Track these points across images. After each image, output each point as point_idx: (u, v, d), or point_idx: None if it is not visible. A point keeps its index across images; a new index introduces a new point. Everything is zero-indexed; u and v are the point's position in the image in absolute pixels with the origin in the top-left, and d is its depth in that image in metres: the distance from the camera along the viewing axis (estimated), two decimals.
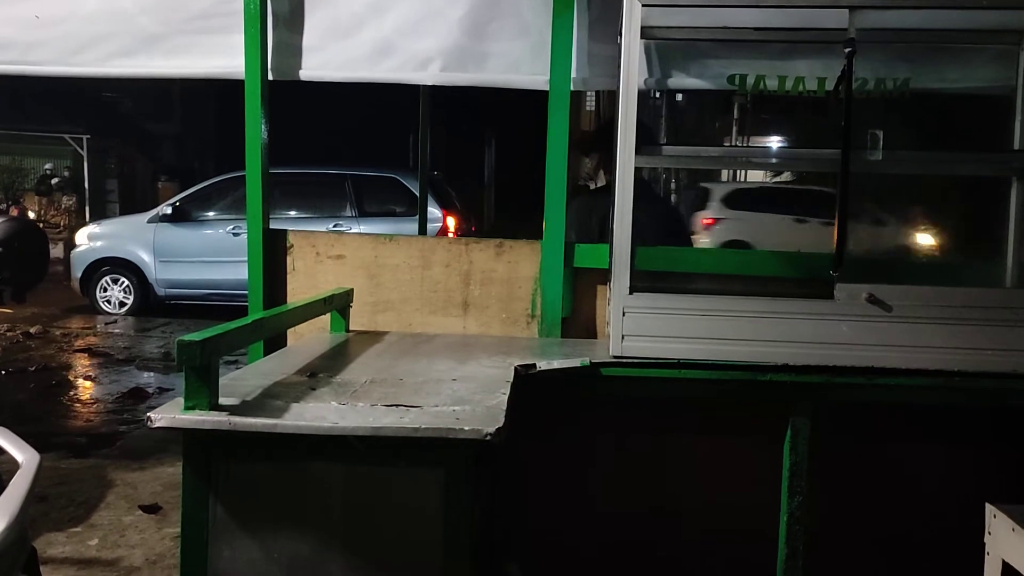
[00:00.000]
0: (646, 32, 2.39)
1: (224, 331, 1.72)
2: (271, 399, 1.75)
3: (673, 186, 12.90)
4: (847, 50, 2.26)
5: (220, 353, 1.67)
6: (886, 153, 2.44)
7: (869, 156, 2.36)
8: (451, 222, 9.64)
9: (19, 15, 2.98)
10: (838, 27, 2.37)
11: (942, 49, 2.88)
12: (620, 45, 2.43)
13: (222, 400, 1.66)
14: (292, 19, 2.95)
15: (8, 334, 8.62)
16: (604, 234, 3.09)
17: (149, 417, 1.57)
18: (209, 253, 10.09)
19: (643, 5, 2.27)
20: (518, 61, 2.90)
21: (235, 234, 9.98)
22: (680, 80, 3.05)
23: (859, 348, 2.25)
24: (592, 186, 3.60)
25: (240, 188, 10.05)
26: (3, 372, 6.79)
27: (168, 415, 1.58)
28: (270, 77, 2.93)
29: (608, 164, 3.41)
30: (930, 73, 2.93)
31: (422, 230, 4.84)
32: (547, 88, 2.80)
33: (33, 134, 21.72)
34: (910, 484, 2.40)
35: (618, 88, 2.62)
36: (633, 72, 2.31)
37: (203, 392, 1.60)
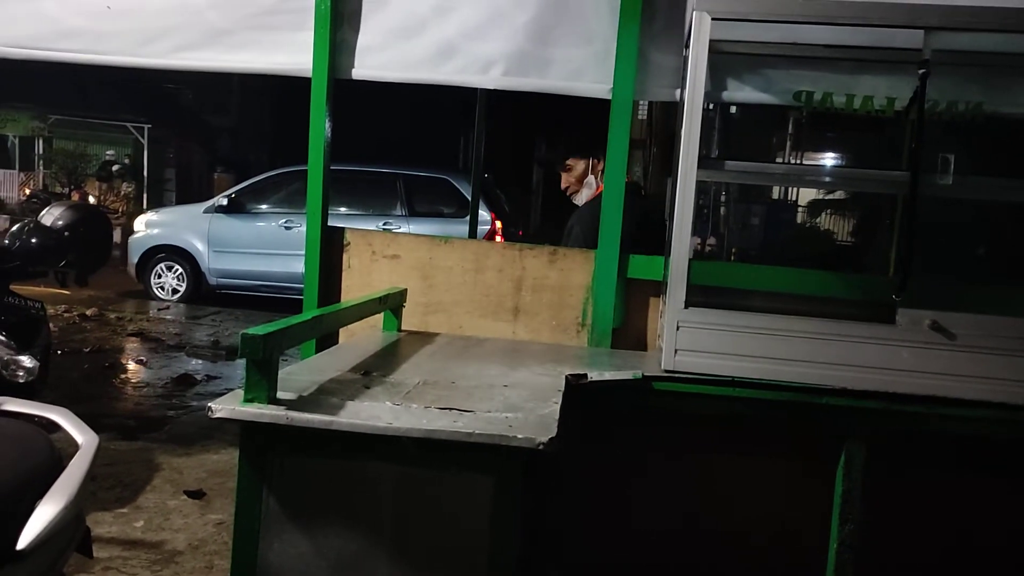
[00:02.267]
0: (713, 45, 2.37)
1: (285, 326, 1.74)
2: (327, 396, 1.77)
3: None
4: (921, 71, 2.22)
5: (281, 348, 1.69)
6: (956, 178, 2.38)
7: (939, 180, 2.31)
8: (500, 225, 9.66)
9: (91, 5, 3.05)
10: (912, 47, 2.34)
11: (1017, 73, 2.81)
12: (685, 57, 2.41)
13: (279, 394, 1.68)
14: (356, 18, 2.97)
15: (65, 315, 8.85)
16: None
17: (210, 407, 1.59)
18: (261, 245, 10.25)
19: (712, 19, 2.25)
20: (581, 68, 2.89)
21: (287, 228, 10.13)
22: (744, 94, 3.00)
23: (920, 376, 2.20)
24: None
25: (294, 183, 10.21)
26: (59, 352, 6.96)
27: (228, 406, 1.60)
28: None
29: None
30: (1004, 97, 2.86)
31: (472, 232, 4.86)
32: (609, 97, 2.79)
33: (96, 121, 22.30)
34: (967, 518, 2.34)
35: (679, 99, 2.60)
36: (699, 84, 2.29)
37: (263, 386, 1.62)
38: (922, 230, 2.32)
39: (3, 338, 3.38)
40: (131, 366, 7.19)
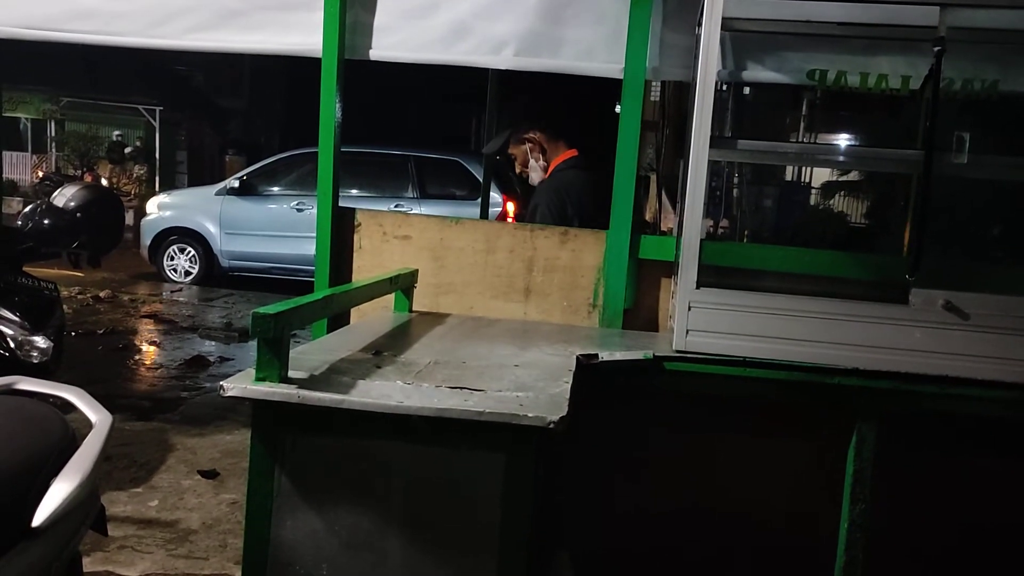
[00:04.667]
0: (727, 23, 2.34)
1: (297, 305, 1.75)
2: (337, 375, 1.77)
3: None
4: (936, 49, 2.19)
5: (292, 327, 1.69)
6: (971, 157, 2.35)
7: (954, 159, 2.29)
8: (511, 207, 9.65)
9: None
10: (927, 25, 2.31)
11: None
12: (697, 35, 2.38)
13: (290, 373, 1.68)
14: None
15: (79, 297, 8.92)
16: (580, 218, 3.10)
17: (222, 386, 1.60)
18: (273, 227, 10.29)
19: None
20: (593, 48, 2.87)
21: (298, 210, 10.15)
22: (756, 73, 2.98)
23: (933, 356, 2.18)
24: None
25: (305, 165, 10.22)
26: (73, 334, 7.02)
27: (240, 385, 1.61)
28: (345, 56, 2.95)
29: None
30: (1020, 75, 2.82)
31: (484, 214, 4.85)
32: (621, 77, 2.77)
33: (109, 104, 22.35)
34: (979, 499, 2.33)
35: (691, 79, 2.58)
36: (711, 63, 2.26)
37: (274, 364, 1.63)
38: (936, 210, 2.30)
39: (17, 318, 3.41)
40: (144, 347, 7.25)
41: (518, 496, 1.66)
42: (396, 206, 9.76)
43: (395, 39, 2.97)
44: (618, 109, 2.81)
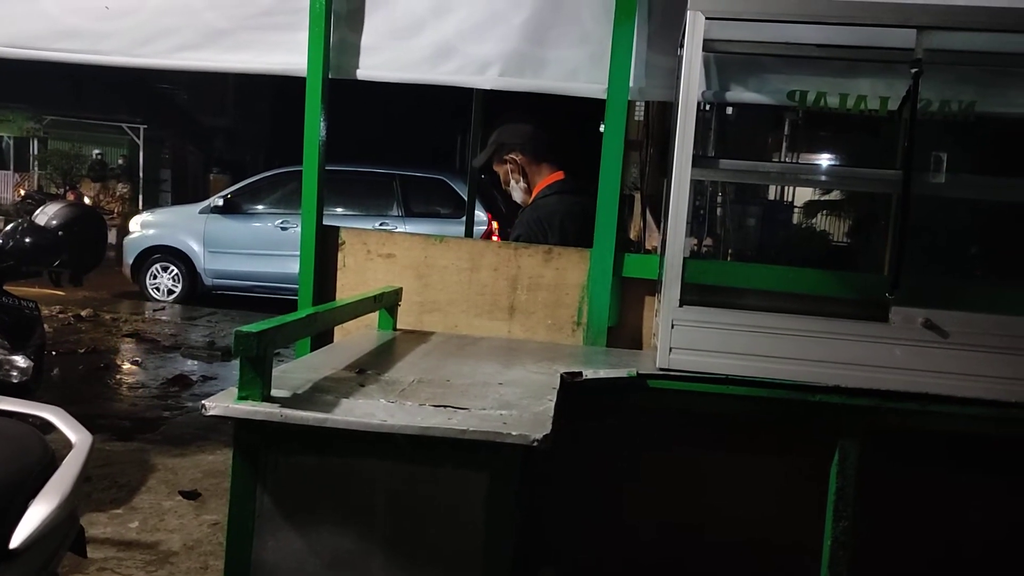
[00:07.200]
0: (708, 45, 2.38)
1: (280, 324, 1.74)
2: (321, 393, 1.77)
3: None
4: (913, 71, 2.23)
5: (275, 345, 1.69)
6: (948, 176, 2.39)
7: (932, 179, 2.32)
8: (496, 225, 9.67)
9: (89, 5, 3.04)
10: (904, 47, 2.34)
11: (1010, 72, 2.82)
12: (680, 57, 2.41)
13: (273, 392, 1.68)
14: (354, 18, 2.98)
15: (60, 316, 8.84)
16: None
17: (204, 405, 1.59)
18: (257, 246, 10.25)
19: (706, 18, 2.26)
20: (576, 69, 2.90)
21: (283, 228, 10.13)
22: (738, 94, 3.02)
23: (913, 373, 2.20)
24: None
25: (290, 183, 10.21)
26: (54, 353, 6.95)
27: (222, 404, 1.60)
28: (330, 75, 2.96)
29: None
30: (997, 96, 2.87)
31: (469, 232, 4.86)
32: (604, 97, 2.79)
33: (92, 122, 22.27)
34: (961, 516, 2.34)
35: (674, 100, 2.61)
36: (693, 84, 2.29)
37: (256, 383, 1.62)
38: (916, 229, 2.33)
39: None
40: (126, 367, 7.18)
41: (502, 514, 1.65)
42: (381, 224, 9.75)
43: (380, 59, 2.98)
44: (602, 129, 2.82)
